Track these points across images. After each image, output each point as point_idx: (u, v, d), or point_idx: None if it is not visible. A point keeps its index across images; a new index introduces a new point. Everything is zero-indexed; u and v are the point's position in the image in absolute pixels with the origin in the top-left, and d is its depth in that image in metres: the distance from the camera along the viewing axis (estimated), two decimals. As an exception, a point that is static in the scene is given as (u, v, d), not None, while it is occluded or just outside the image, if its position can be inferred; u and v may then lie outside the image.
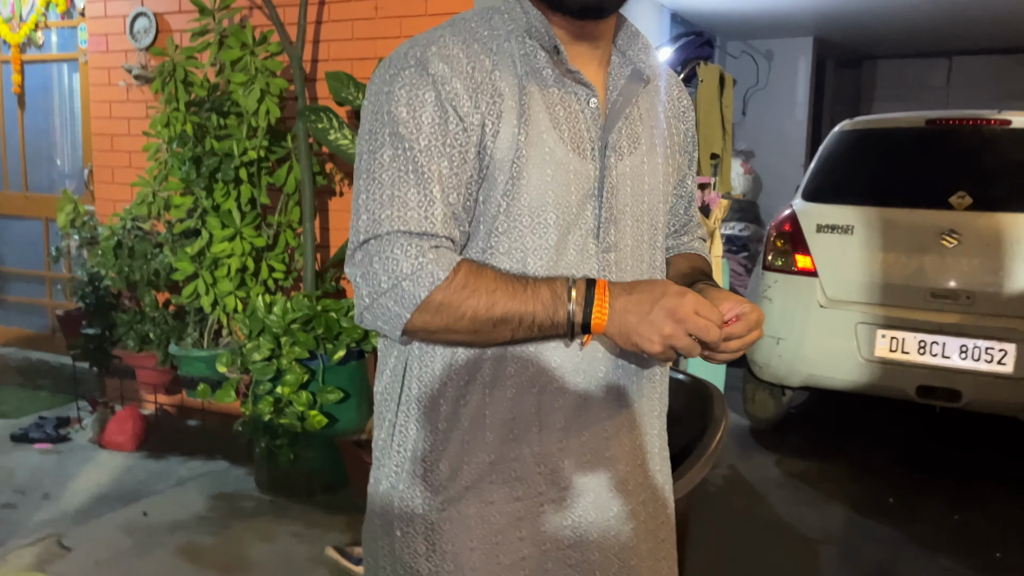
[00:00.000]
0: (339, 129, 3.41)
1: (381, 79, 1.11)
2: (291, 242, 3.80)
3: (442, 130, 1.06)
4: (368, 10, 3.74)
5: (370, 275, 1.06)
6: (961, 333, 3.61)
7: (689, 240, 1.41)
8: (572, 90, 1.13)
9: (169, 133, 3.65)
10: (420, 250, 1.04)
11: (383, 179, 1.06)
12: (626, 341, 1.06)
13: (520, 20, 1.13)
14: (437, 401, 1.14)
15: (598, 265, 1.15)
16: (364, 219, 1.07)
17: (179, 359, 3.88)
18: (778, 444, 4.24)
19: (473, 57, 1.09)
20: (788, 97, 7.82)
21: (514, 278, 1.07)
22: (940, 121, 4.03)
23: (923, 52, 8.61)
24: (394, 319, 1.05)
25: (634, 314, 1.04)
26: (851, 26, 7.05)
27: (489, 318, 1.05)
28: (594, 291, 1.05)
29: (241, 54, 3.58)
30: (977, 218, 3.68)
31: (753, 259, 6.70)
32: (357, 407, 3.51)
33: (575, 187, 1.12)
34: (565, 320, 1.05)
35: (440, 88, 1.06)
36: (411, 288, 1.03)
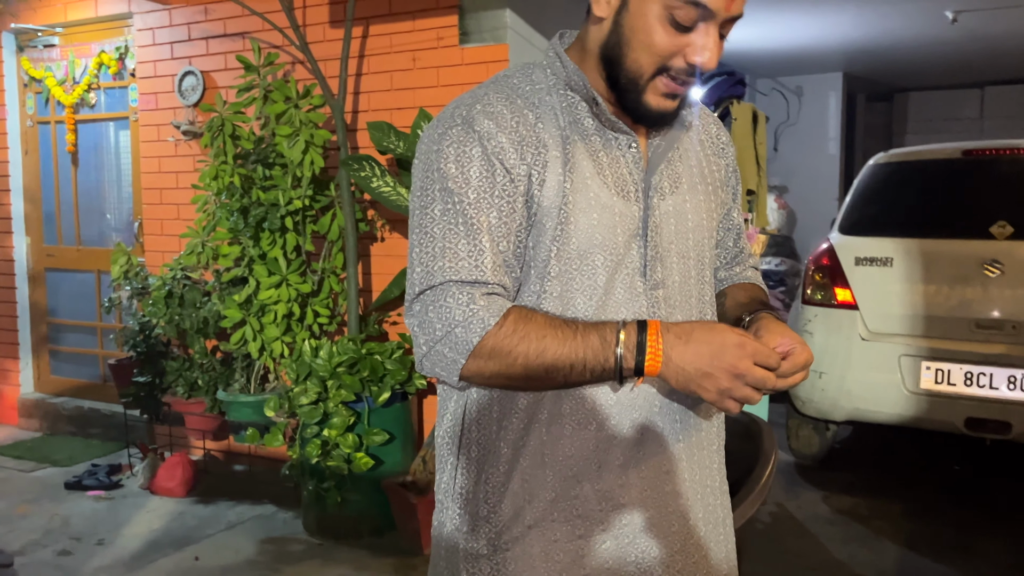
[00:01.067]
0: (381, 176, 3.50)
1: (430, 138, 1.16)
2: (335, 287, 3.88)
3: (490, 183, 1.11)
4: (407, 62, 3.86)
5: (426, 324, 1.10)
6: (1009, 364, 3.56)
7: (742, 270, 1.44)
8: (613, 136, 1.18)
9: (218, 185, 3.77)
10: (471, 297, 1.08)
11: (434, 232, 1.11)
12: (683, 388, 1.09)
13: (560, 74, 1.19)
14: (497, 443, 1.17)
15: (647, 302, 1.18)
16: (418, 272, 1.12)
17: (227, 405, 3.96)
18: (824, 481, 4.19)
19: (517, 112, 1.14)
20: (819, 132, 7.85)
21: (564, 323, 1.09)
22: (977, 151, 4.02)
23: (955, 84, 8.60)
24: (450, 365, 1.10)
25: (692, 366, 1.06)
26: (880, 61, 7.08)
27: (541, 364, 1.08)
28: (646, 336, 1.07)
29: (285, 107, 3.71)
30: (1019, 247, 3.66)
31: (791, 294, 6.67)
32: (402, 448, 3.55)
33: (620, 228, 1.15)
34: (614, 366, 1.08)
35: (486, 144, 1.11)
36: (463, 334, 1.08)
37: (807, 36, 5.94)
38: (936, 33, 5.79)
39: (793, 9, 5.01)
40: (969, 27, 5.53)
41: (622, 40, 1.11)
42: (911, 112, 9.12)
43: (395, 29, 3.87)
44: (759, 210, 3.95)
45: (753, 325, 1.22)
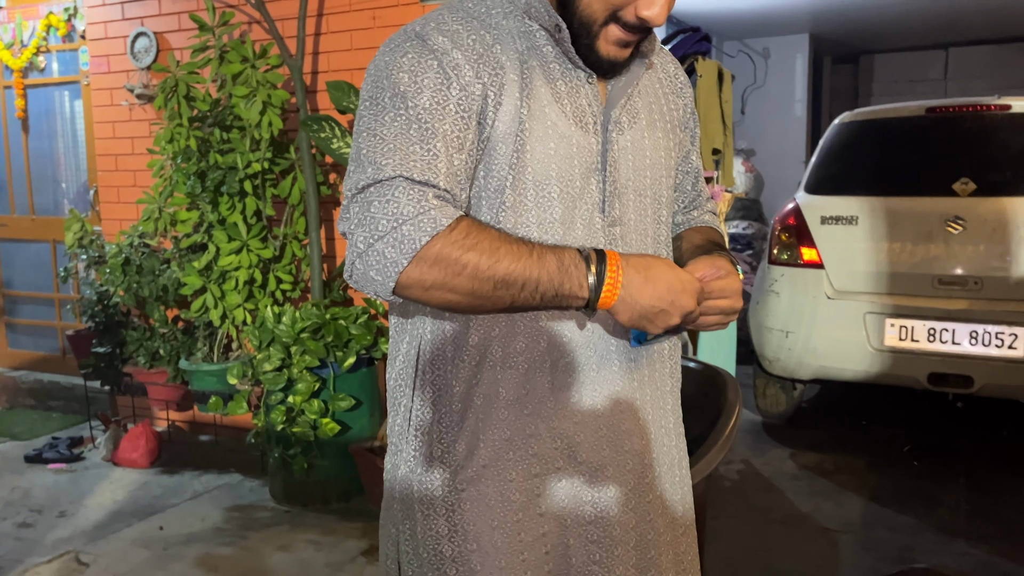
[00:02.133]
0: (341, 138, 3.43)
1: (381, 54, 1.11)
2: (298, 253, 3.82)
3: (444, 94, 1.05)
4: (366, 20, 3.77)
5: (367, 219, 1.01)
6: (970, 319, 3.60)
7: (699, 214, 1.42)
8: (571, 68, 1.14)
9: (173, 149, 3.67)
10: (423, 195, 1.02)
11: (384, 135, 1.04)
12: (632, 324, 1.08)
13: (518, 1, 1.14)
14: (450, 383, 1.14)
15: (604, 239, 1.15)
16: (368, 170, 1.03)
17: (190, 374, 3.89)
18: (792, 438, 4.23)
19: (473, 31, 1.09)
20: (786, 95, 7.84)
21: (519, 240, 1.05)
22: (940, 109, 4.03)
23: (919, 45, 8.62)
24: (389, 267, 1.00)
25: (648, 301, 1.07)
26: (846, 22, 7.07)
27: (490, 277, 1.01)
28: (605, 267, 1.05)
29: (242, 68, 3.61)
30: (981, 203, 3.68)
31: (758, 257, 6.70)
32: (369, 414, 3.51)
33: (578, 160, 1.12)
34: (571, 292, 1.04)
35: (441, 58, 1.06)
36: (411, 232, 0.99)
37: (773, -4, 5.91)
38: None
39: (759, -33, 4.97)
40: (933, -14, 5.53)
41: None
42: (877, 74, 9.15)
43: (354, -14, 3.77)
44: (725, 169, 3.94)
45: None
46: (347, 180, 1.08)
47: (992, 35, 8.08)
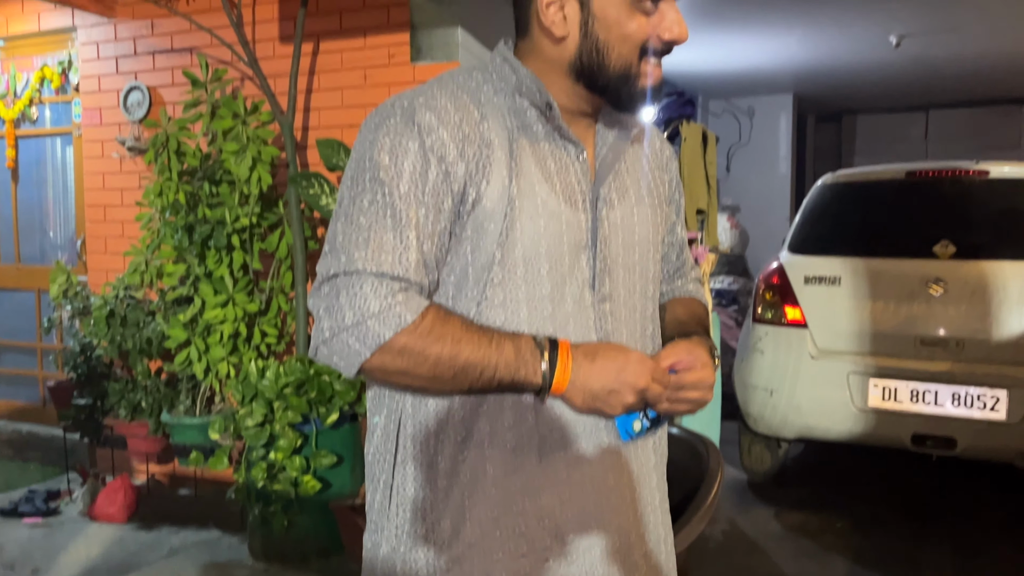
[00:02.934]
0: (330, 194, 3.46)
1: (367, 127, 1.13)
2: (283, 306, 3.82)
3: (422, 179, 1.07)
4: (358, 79, 3.83)
5: (335, 309, 1.05)
6: (953, 380, 3.63)
7: (683, 284, 1.43)
8: (562, 145, 1.16)
9: (162, 202, 3.69)
10: (390, 290, 1.05)
11: (360, 222, 1.07)
12: (587, 407, 1.10)
13: (509, 79, 1.16)
14: (435, 458, 1.14)
15: (594, 315, 1.16)
16: (342, 259, 1.07)
17: (171, 427, 3.85)
18: (777, 497, 4.21)
19: (462, 108, 1.11)
20: (771, 152, 7.98)
21: (480, 329, 1.08)
22: (920, 173, 4.11)
23: (900, 106, 8.82)
24: (352, 356, 1.05)
25: (598, 383, 1.09)
26: (829, 83, 7.23)
27: (451, 366, 1.05)
28: (557, 354, 1.08)
29: (233, 124, 3.65)
30: (961, 266, 3.74)
31: (743, 312, 6.74)
32: (351, 471, 3.48)
33: (568, 237, 1.13)
34: (526, 379, 1.07)
35: (425, 137, 1.08)
36: (376, 327, 1.03)
37: (758, 58, 6.04)
38: (881, 57, 5.92)
39: (744, 31, 5.09)
40: (912, 52, 5.67)
41: (599, 45, 1.12)
42: (859, 133, 9.33)
43: (346, 46, 3.84)
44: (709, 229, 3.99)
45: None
46: (322, 261, 1.10)
47: (970, 98, 8.28)
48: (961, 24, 4.97)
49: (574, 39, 1.13)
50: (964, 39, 5.38)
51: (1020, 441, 3.50)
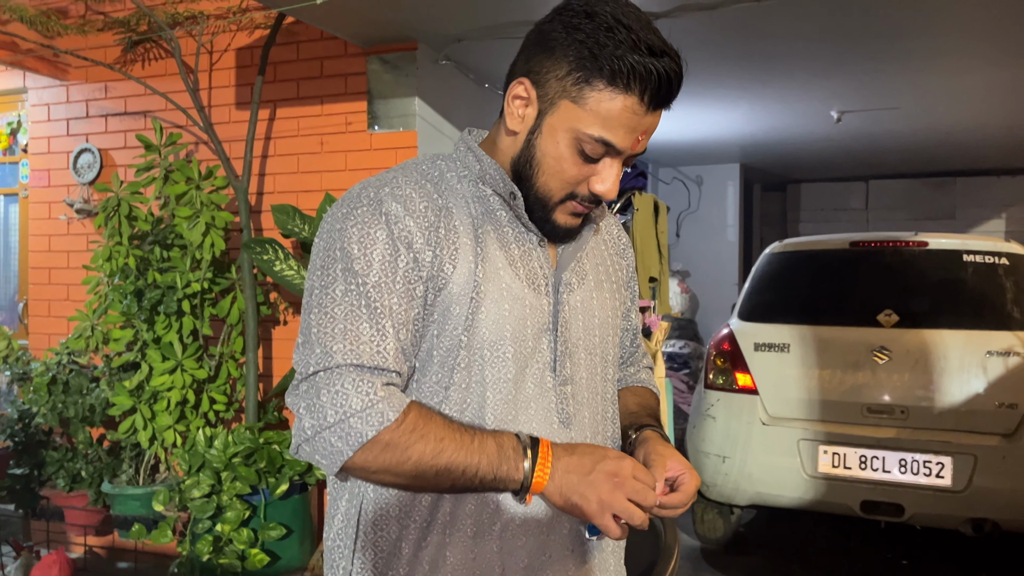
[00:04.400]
0: (284, 260, 3.44)
1: (334, 217, 1.13)
2: (233, 373, 3.75)
3: (392, 267, 1.08)
4: (314, 145, 3.85)
5: (316, 408, 1.03)
6: (899, 447, 3.69)
7: (636, 371, 1.45)
8: (524, 232, 1.18)
9: (111, 266, 3.63)
10: (372, 387, 1.03)
11: (335, 313, 1.06)
12: (565, 501, 1.06)
13: (473, 168, 1.18)
14: (396, 544, 1.12)
15: (556, 398, 1.16)
16: (317, 352, 1.06)
17: (112, 498, 3.72)
18: (729, 565, 4.20)
19: (426, 196, 1.12)
20: (719, 219, 8.17)
21: (461, 427, 1.07)
22: (863, 243, 4.24)
23: (842, 176, 9.15)
24: (335, 455, 1.04)
25: (575, 474, 1.06)
26: (773, 154, 7.47)
27: (433, 465, 1.04)
28: (538, 449, 1.07)
29: (186, 188, 3.62)
30: (904, 335, 3.84)
31: (695, 376, 6.81)
32: (300, 543, 3.39)
33: (531, 321, 1.14)
34: (508, 476, 1.06)
35: (392, 227, 1.08)
36: (359, 426, 1.02)
37: (706, 129, 6.23)
38: (823, 131, 6.15)
39: (694, 104, 5.26)
40: (852, 126, 5.90)
41: (533, 161, 1.13)
42: (804, 201, 9.62)
43: (303, 113, 3.87)
44: (661, 297, 4.04)
45: (640, 448, 1.22)
46: (298, 353, 1.09)
47: (908, 170, 8.63)
48: (898, 102, 5.21)
49: (520, 140, 1.15)
50: (901, 116, 5.63)
51: (965, 508, 3.55)
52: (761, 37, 3.83)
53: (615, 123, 1.08)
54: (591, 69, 1.06)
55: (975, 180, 8.79)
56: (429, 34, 3.59)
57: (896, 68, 4.39)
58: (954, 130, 6.19)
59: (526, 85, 1.12)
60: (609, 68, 1.05)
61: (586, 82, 1.07)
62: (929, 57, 4.19)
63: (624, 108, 1.07)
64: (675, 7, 3.25)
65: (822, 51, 4.09)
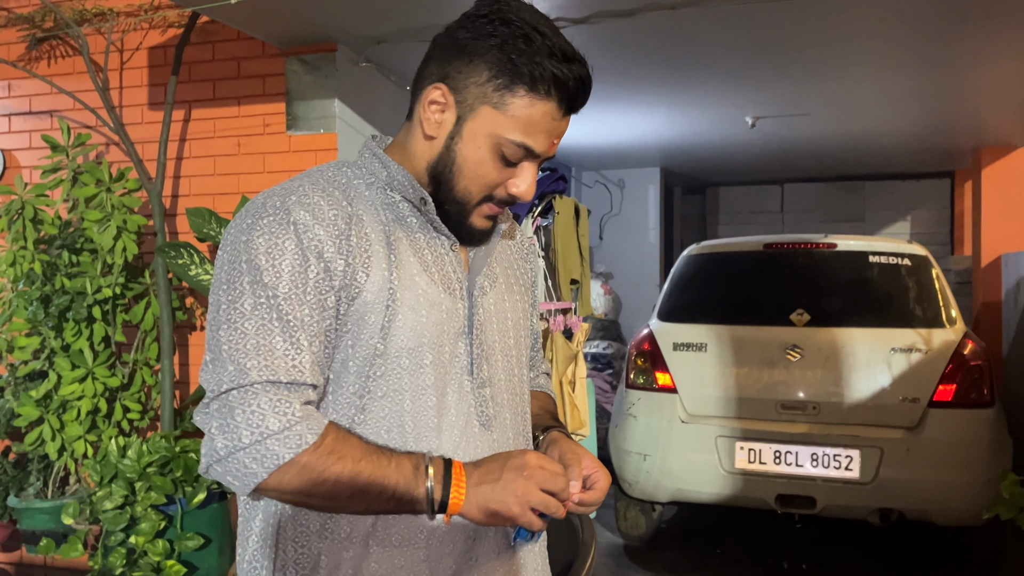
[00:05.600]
0: (200, 264, 3.37)
1: (238, 228, 1.09)
2: (148, 380, 3.65)
3: (303, 278, 1.05)
4: (231, 147, 3.78)
5: (229, 428, 1.00)
6: (811, 442, 3.81)
7: (535, 376, 1.47)
8: (436, 237, 1.18)
9: (15, 272, 3.49)
10: (290, 406, 1.01)
11: (246, 328, 1.03)
12: (485, 513, 1.06)
13: (380, 174, 1.17)
14: (318, 559, 1.10)
15: (475, 401, 1.16)
16: (230, 369, 1.02)
17: (19, 512, 3.57)
18: (651, 561, 4.28)
19: (335, 204, 1.10)
20: (640, 222, 8.31)
21: (377, 449, 1.06)
22: (775, 245, 4.37)
23: (758, 180, 9.41)
24: (248, 476, 1.00)
25: (487, 484, 1.05)
26: (692, 158, 7.65)
27: (350, 487, 1.02)
28: (451, 470, 1.06)
29: (96, 191, 3.51)
30: (815, 333, 3.97)
31: (618, 376, 6.90)
32: (220, 552, 3.32)
33: (448, 326, 1.14)
34: (424, 496, 1.05)
35: (301, 236, 1.06)
36: (276, 448, 0.99)
37: (626, 134, 6.34)
38: (738, 135, 6.33)
39: (612, 109, 5.34)
40: (766, 131, 6.09)
41: (453, 165, 1.13)
42: (722, 204, 9.87)
43: (219, 114, 3.80)
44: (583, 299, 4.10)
45: (552, 449, 1.25)
46: (206, 372, 1.05)
47: (820, 174, 8.94)
48: (809, 108, 5.40)
49: (438, 145, 1.15)
50: (812, 122, 5.83)
51: (873, 499, 3.70)
52: (678, 44, 3.93)
53: (535, 128, 1.10)
54: (512, 75, 1.08)
55: (882, 184, 9.16)
56: (349, 35, 3.57)
57: (806, 76, 4.56)
58: (862, 135, 6.45)
59: (443, 91, 1.12)
60: (529, 75, 1.07)
61: (507, 88, 1.09)
62: (836, 65, 4.36)
63: (544, 114, 1.10)
64: (594, 12, 3.30)
65: (736, 58, 4.21)
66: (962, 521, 3.73)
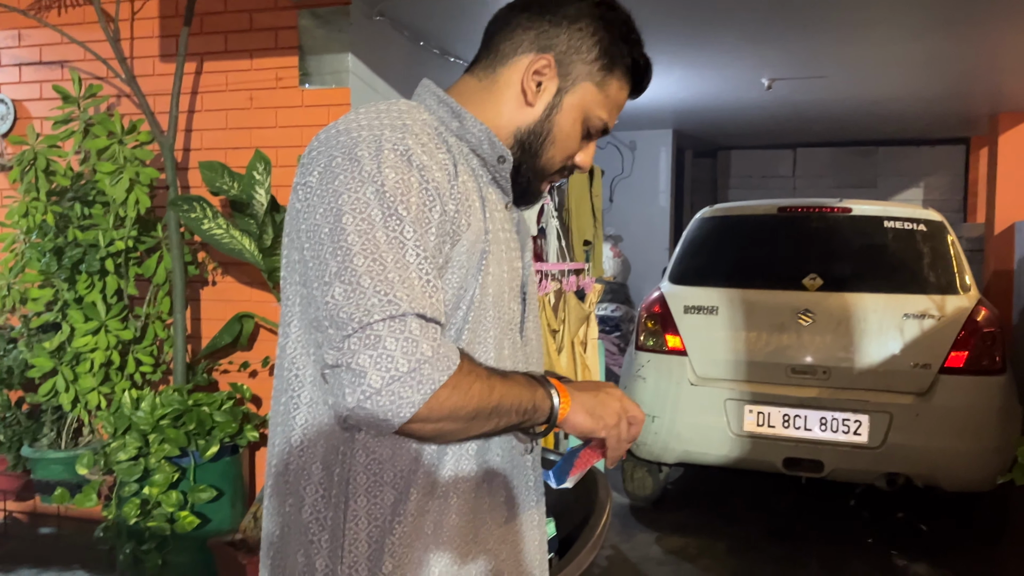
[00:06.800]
0: (213, 219, 3.35)
1: (351, 158, 1.02)
2: (160, 334, 3.66)
3: (428, 217, 1.03)
4: (243, 100, 3.74)
5: (383, 357, 0.95)
6: (820, 406, 3.83)
7: None
8: (500, 195, 1.19)
9: (28, 223, 3.49)
10: (436, 332, 1.00)
11: (386, 260, 0.98)
12: (591, 414, 1.14)
13: (451, 124, 1.15)
14: (395, 509, 1.08)
15: (522, 357, 1.21)
16: (374, 300, 0.97)
17: (33, 462, 3.62)
18: (658, 521, 4.32)
19: (441, 147, 1.08)
20: (651, 185, 8.26)
21: (491, 368, 1.09)
22: (790, 209, 4.34)
23: (771, 144, 9.33)
24: (403, 407, 0.96)
25: (590, 397, 1.15)
26: (705, 121, 7.57)
27: (488, 404, 1.04)
28: (552, 383, 1.13)
29: (108, 143, 3.49)
30: (827, 298, 3.96)
31: (625, 339, 6.92)
32: (232, 505, 3.36)
33: (513, 283, 1.19)
34: (542, 406, 1.10)
35: (424, 175, 1.03)
36: (431, 372, 0.97)
37: (639, 94, 6.27)
38: (753, 98, 6.25)
39: (626, 68, 5.28)
40: (782, 94, 6.01)
41: (549, 135, 1.18)
42: (733, 168, 9.79)
43: (232, 67, 3.75)
44: (595, 260, 4.08)
45: None
46: (336, 306, 0.99)
47: (833, 139, 8.85)
48: (825, 71, 5.32)
49: (536, 113, 1.17)
50: (828, 85, 5.76)
51: (880, 463, 3.72)
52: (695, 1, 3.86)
53: (616, 110, 1.21)
54: (614, 58, 1.17)
55: (896, 150, 9.07)
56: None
57: (825, 37, 4.48)
58: (877, 100, 6.36)
59: (550, 62, 1.15)
60: (629, 60, 1.18)
61: (608, 69, 1.17)
62: (857, 27, 4.28)
63: (625, 96, 1.22)
64: (612, -32, 3.24)
65: (755, 18, 4.14)
66: (970, 487, 3.75)
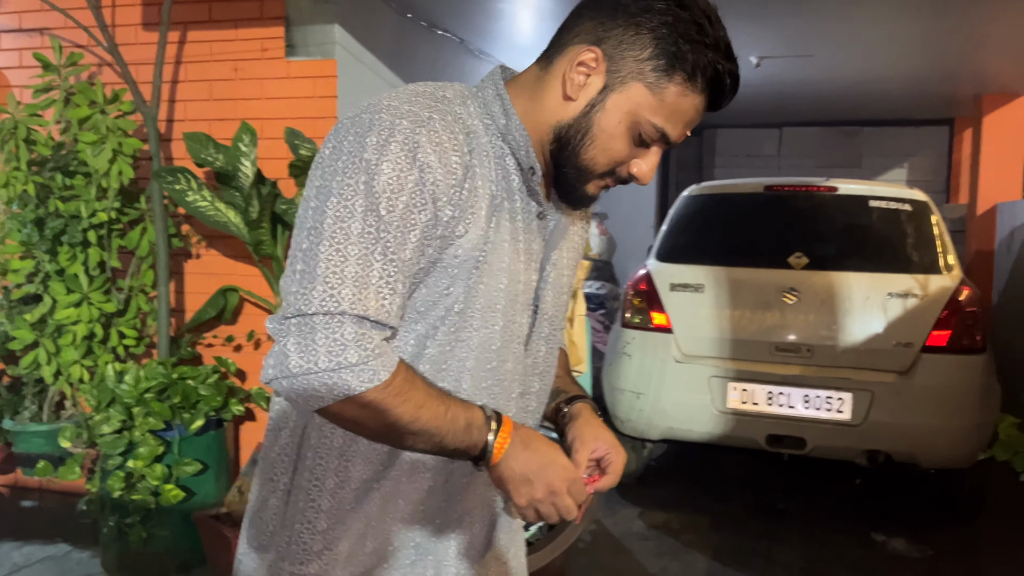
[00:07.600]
0: (198, 190, 3.32)
1: (359, 142, 1.02)
2: (144, 307, 3.63)
3: (414, 219, 1.01)
4: (227, 71, 3.69)
5: (308, 350, 0.98)
6: (804, 384, 3.85)
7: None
8: (530, 203, 1.15)
9: (8, 193, 3.44)
10: (371, 342, 0.99)
11: (348, 252, 0.98)
12: (499, 483, 1.10)
13: (499, 120, 1.12)
14: (332, 473, 1.12)
15: (524, 370, 1.19)
16: (319, 290, 0.98)
17: (14, 435, 3.59)
18: (641, 497, 4.36)
19: (458, 149, 1.04)
20: (638, 162, 8.24)
21: (439, 396, 1.06)
22: (776, 187, 4.35)
23: (757, 123, 9.33)
24: (314, 400, 1.00)
25: (521, 469, 1.09)
26: (693, 98, 7.55)
27: (405, 428, 1.03)
28: (499, 429, 1.08)
29: (90, 112, 3.44)
30: (812, 276, 3.98)
31: (611, 316, 6.94)
32: (216, 478, 3.35)
33: (521, 298, 1.14)
34: (477, 448, 1.07)
35: (424, 175, 1.01)
36: (349, 379, 0.98)
37: (627, 71, 6.25)
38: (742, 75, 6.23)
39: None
40: (769, 72, 6.01)
41: (587, 134, 1.09)
42: (719, 147, 9.79)
43: (216, 37, 3.70)
44: (582, 236, 4.09)
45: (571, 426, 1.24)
46: (293, 282, 1.01)
47: (818, 119, 8.87)
48: (813, 50, 5.32)
49: (576, 109, 1.10)
50: (815, 64, 5.76)
51: (862, 441, 3.76)
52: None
53: (679, 117, 1.09)
54: (674, 60, 1.06)
55: (881, 130, 9.10)
56: (351, -42, 3.47)
57: (814, 15, 4.47)
58: (864, 79, 6.37)
59: (597, 55, 1.07)
60: (692, 64, 1.05)
61: (665, 72, 1.06)
62: (845, 6, 4.27)
63: (692, 106, 1.09)
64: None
65: (745, -5, 4.13)
66: (950, 464, 3.80)
